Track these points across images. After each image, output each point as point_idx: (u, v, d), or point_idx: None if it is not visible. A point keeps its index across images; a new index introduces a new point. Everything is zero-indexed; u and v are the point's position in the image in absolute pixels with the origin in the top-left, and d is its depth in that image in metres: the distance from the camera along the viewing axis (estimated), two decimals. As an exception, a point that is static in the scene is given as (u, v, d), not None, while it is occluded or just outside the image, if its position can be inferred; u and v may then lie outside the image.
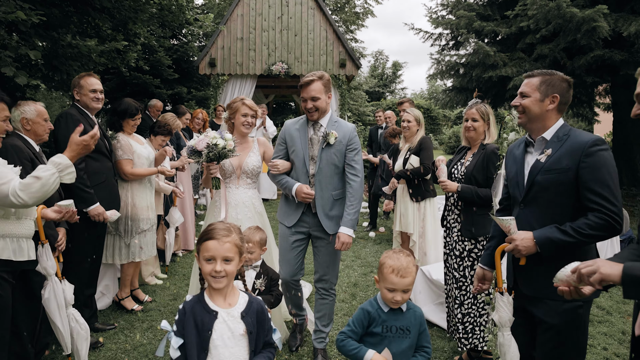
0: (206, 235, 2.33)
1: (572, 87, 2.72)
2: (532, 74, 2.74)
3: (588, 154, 2.46)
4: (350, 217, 3.82)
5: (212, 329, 2.28)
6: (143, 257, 5.01)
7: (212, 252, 2.28)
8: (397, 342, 2.63)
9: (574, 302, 2.44)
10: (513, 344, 2.70)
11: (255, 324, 2.39)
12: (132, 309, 5.04)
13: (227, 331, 2.31)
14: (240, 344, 2.34)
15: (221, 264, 2.27)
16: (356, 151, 3.90)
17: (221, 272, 2.27)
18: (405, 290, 2.58)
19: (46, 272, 3.25)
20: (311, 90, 3.76)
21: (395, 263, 2.57)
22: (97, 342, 4.24)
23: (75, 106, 4.39)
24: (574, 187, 2.50)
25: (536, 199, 2.63)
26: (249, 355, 2.37)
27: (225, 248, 2.28)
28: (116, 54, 7.74)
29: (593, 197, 2.43)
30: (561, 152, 2.55)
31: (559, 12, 9.59)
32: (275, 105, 25.26)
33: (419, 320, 2.69)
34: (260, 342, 2.42)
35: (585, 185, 2.45)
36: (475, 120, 4.00)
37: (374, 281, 6.12)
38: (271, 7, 13.63)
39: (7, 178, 2.75)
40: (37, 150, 3.72)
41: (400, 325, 2.64)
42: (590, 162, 2.45)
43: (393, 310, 2.65)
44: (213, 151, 3.91)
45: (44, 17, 4.48)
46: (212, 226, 2.37)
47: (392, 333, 2.64)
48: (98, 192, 4.31)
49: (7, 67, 4.12)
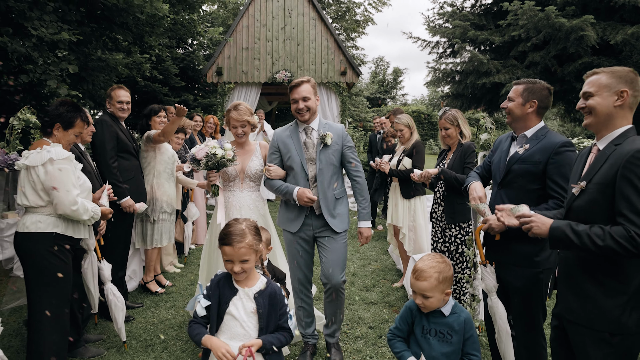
0: (223, 240, 2.63)
1: (552, 94, 3.27)
2: (518, 82, 3.32)
3: (557, 152, 3.05)
4: (366, 211, 4.06)
5: (230, 302, 2.63)
6: (164, 243, 5.67)
7: (229, 257, 2.60)
8: (438, 346, 2.62)
9: (535, 268, 3.06)
10: (500, 305, 3.27)
11: (266, 305, 2.65)
12: (155, 291, 5.72)
13: (240, 307, 2.64)
14: (251, 320, 2.64)
15: (238, 265, 2.59)
16: (352, 148, 4.07)
17: (239, 271, 2.60)
18: (424, 295, 2.60)
19: (87, 247, 3.91)
20: (302, 90, 3.89)
21: (418, 264, 2.67)
22: (128, 317, 4.88)
23: (108, 113, 5.06)
24: (541, 177, 3.09)
25: (511, 183, 3.22)
26: (258, 332, 2.63)
27: (241, 253, 2.58)
28: (132, 65, 8.42)
29: (555, 187, 3.03)
30: (536, 148, 3.14)
31: (548, 21, 10.11)
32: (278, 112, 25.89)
33: (463, 325, 2.63)
34: (271, 323, 2.66)
35: (550, 177, 3.05)
36: (447, 128, 4.71)
37: (371, 271, 6.76)
38: (275, 18, 14.32)
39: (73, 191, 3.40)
40: (82, 150, 4.37)
41: (440, 329, 2.64)
42: (558, 160, 3.03)
43: (434, 314, 2.66)
44: (211, 160, 4.05)
45: (80, 36, 5.15)
46: (229, 229, 2.65)
47: (431, 336, 2.65)
48: (128, 185, 4.96)
49: (52, 80, 4.79)
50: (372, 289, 6.01)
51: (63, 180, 3.36)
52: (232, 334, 2.61)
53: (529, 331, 3.14)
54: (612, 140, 2.41)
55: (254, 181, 4.39)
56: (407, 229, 6.26)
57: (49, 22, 4.87)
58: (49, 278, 3.32)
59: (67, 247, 3.47)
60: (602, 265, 2.32)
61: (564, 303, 2.49)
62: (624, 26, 9.71)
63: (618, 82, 2.40)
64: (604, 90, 2.42)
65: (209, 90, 16.13)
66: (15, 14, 4.69)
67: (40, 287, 3.34)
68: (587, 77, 2.53)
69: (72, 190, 3.39)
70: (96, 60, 5.95)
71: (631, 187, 2.18)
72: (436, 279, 2.57)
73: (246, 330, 2.61)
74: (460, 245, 4.65)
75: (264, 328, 2.62)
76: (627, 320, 2.23)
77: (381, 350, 4.31)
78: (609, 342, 2.27)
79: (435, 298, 2.59)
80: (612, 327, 2.25)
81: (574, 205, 2.48)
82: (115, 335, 4.50)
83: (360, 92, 33.22)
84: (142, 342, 4.45)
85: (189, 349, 4.32)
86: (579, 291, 2.40)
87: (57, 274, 3.35)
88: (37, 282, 3.33)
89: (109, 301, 4.15)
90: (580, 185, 2.46)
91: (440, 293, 2.60)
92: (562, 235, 2.32)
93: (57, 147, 3.46)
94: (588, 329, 2.33)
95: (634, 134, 2.39)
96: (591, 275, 2.36)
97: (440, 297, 2.61)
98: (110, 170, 4.79)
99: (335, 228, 3.95)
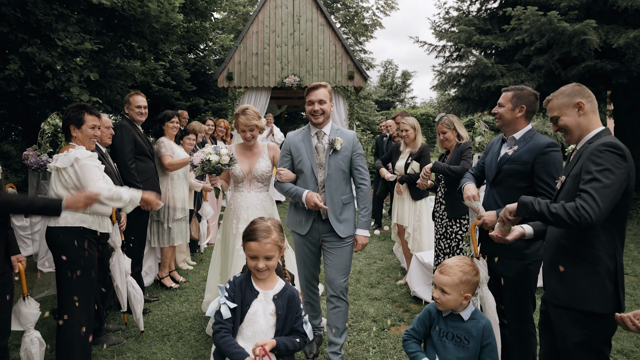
0: (249, 236, 2.65)
1: (538, 99, 3.53)
2: (507, 89, 3.60)
3: (543, 152, 3.32)
4: (365, 220, 4.05)
5: (251, 304, 2.65)
6: (179, 242, 6.00)
7: (254, 252, 2.61)
8: (454, 350, 2.63)
9: (524, 260, 3.33)
10: (490, 296, 3.52)
11: (285, 307, 2.69)
12: (170, 286, 6.04)
13: (260, 309, 2.66)
14: (269, 322, 2.66)
15: (263, 262, 2.61)
16: (362, 156, 4.10)
17: (263, 268, 2.62)
18: (443, 290, 2.63)
19: (114, 244, 4.23)
20: (319, 93, 3.94)
21: (447, 261, 2.74)
22: (145, 309, 5.19)
23: (126, 118, 5.38)
24: (529, 176, 3.37)
25: (501, 182, 3.50)
26: (274, 334, 2.66)
27: (266, 249, 2.60)
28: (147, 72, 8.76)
29: (542, 185, 3.30)
30: (524, 149, 3.41)
31: (551, 26, 10.23)
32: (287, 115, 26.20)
33: (481, 332, 2.63)
34: (288, 325, 2.69)
35: (537, 176, 3.32)
36: (445, 132, 5.02)
37: (376, 269, 7.02)
38: (284, 24, 14.65)
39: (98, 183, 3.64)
40: (103, 152, 4.68)
41: (457, 333, 2.64)
42: (544, 159, 3.31)
43: (452, 317, 2.68)
44: (207, 166, 4.18)
45: (101, 45, 5.50)
46: (254, 226, 2.68)
47: (448, 340, 2.65)
48: (145, 186, 5.27)
49: (74, 87, 5.13)
50: (377, 286, 6.27)
51: (90, 174, 3.64)
52: (250, 336, 2.63)
53: (519, 319, 3.40)
54: (587, 140, 2.70)
55: (262, 182, 4.47)
56: (412, 229, 6.51)
57: (72, 33, 5.21)
58: (77, 268, 3.62)
59: (94, 240, 3.77)
60: (579, 250, 2.58)
61: (549, 288, 2.74)
62: (627, 29, 9.82)
63: (571, 98, 2.74)
64: (564, 109, 2.76)
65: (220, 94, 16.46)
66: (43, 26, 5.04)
67: (71, 277, 3.64)
68: (545, 106, 2.89)
69: (99, 181, 3.66)
70: (115, 68, 6.30)
71: (588, 173, 2.47)
72: (459, 278, 2.61)
73: (264, 332, 2.64)
74: (461, 242, 4.92)
75: (280, 330, 2.66)
76: (597, 296, 2.49)
77: (383, 342, 4.56)
78: (583, 323, 2.53)
79: (452, 297, 2.61)
80: (589, 305, 2.49)
81: (558, 198, 2.78)
82: (134, 326, 4.81)
83: (369, 96, 33.42)
84: (158, 332, 4.76)
85: (202, 338, 4.62)
86: (561, 276, 2.65)
87: (84, 264, 3.65)
88: (67, 272, 3.63)
89: (128, 293, 4.45)
90: (560, 179, 2.78)
91: (458, 294, 2.62)
92: (527, 200, 2.61)
93: (81, 149, 3.76)
94: (568, 310, 2.58)
95: (608, 134, 2.66)
96: (570, 260, 2.62)
97: (458, 297, 2.62)
98: (129, 171, 5.11)
99: (340, 233, 3.98)
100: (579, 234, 2.58)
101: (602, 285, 2.51)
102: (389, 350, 4.40)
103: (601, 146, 2.50)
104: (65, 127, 3.83)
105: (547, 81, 11.31)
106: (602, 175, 2.42)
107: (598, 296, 2.50)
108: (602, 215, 2.37)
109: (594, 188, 2.40)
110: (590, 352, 2.53)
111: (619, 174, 2.43)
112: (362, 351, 4.39)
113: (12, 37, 5.49)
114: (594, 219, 2.35)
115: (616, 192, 2.43)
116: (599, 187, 2.40)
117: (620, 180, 2.44)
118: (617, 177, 2.43)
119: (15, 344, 4.25)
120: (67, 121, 3.82)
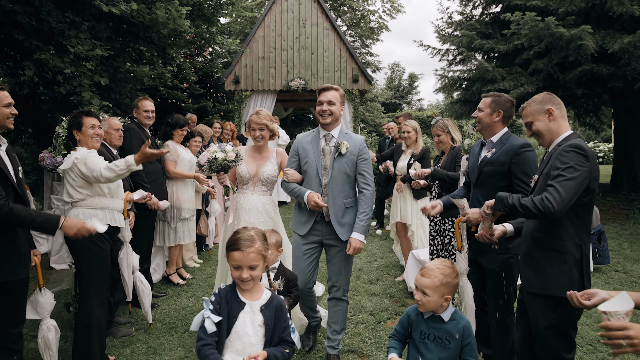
0: (232, 245, 2.59)
1: (514, 106, 3.79)
2: (487, 95, 3.85)
3: (517, 153, 3.56)
4: (362, 224, 4.01)
5: (238, 316, 2.59)
6: (186, 241, 6.26)
7: (237, 262, 2.55)
8: (436, 350, 2.69)
9: (507, 254, 3.55)
10: (469, 286, 3.81)
11: (273, 318, 2.64)
12: (177, 282, 6.30)
13: (248, 320, 2.60)
14: (257, 334, 2.61)
15: (247, 271, 2.55)
16: (367, 161, 4.12)
17: (247, 278, 2.55)
18: (424, 292, 2.69)
19: (124, 239, 4.48)
20: (329, 94, 4.02)
21: (429, 264, 2.80)
22: (154, 304, 5.45)
23: (135, 122, 5.65)
24: (507, 176, 3.60)
25: (483, 182, 3.73)
26: (264, 345, 2.61)
27: (250, 258, 2.54)
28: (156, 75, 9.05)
29: (519, 183, 3.53)
30: (501, 151, 3.65)
31: (549, 31, 10.43)
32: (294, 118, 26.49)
33: (461, 332, 2.69)
34: (276, 335, 2.65)
35: (514, 175, 3.56)
36: (439, 135, 5.27)
37: (376, 267, 7.25)
38: (290, 29, 14.93)
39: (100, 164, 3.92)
40: (114, 154, 4.94)
41: (439, 334, 2.70)
42: (518, 159, 3.55)
43: (433, 319, 2.74)
44: (214, 164, 4.24)
45: (111, 51, 5.78)
46: (237, 235, 2.63)
47: (429, 341, 2.72)
48: (152, 186, 5.54)
49: (85, 92, 5.41)
50: (376, 282, 6.50)
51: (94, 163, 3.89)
52: (239, 349, 2.59)
53: (501, 309, 3.61)
54: (557, 143, 2.96)
55: (266, 185, 4.53)
56: (416, 227, 6.74)
57: (84, 40, 5.50)
58: (92, 259, 3.89)
59: (105, 233, 4.03)
60: (550, 242, 2.84)
61: (525, 277, 2.99)
62: (622, 35, 10.01)
63: (542, 105, 3.02)
64: (536, 115, 3.04)
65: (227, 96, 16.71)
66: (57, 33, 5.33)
67: (86, 268, 3.91)
68: (521, 113, 3.16)
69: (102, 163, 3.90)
70: (124, 73, 6.58)
71: (556, 170, 2.75)
72: (439, 281, 2.66)
73: (253, 344, 2.60)
74: (452, 239, 5.14)
75: (269, 341, 2.63)
76: (565, 282, 2.73)
77: (379, 334, 4.79)
78: (553, 309, 2.78)
79: (433, 299, 2.67)
80: (558, 291, 2.73)
81: (532, 194, 3.01)
82: (143, 319, 5.06)
83: (376, 98, 33.56)
84: (166, 325, 5.01)
85: (207, 330, 4.86)
86: (534, 265, 2.90)
87: (97, 256, 3.92)
88: (83, 264, 3.91)
89: (137, 287, 4.71)
90: (534, 178, 3.05)
91: (439, 296, 2.67)
92: (502, 195, 2.91)
93: (82, 150, 4.03)
94: (540, 296, 2.83)
95: (576, 137, 2.91)
96: (542, 251, 2.88)
97: (438, 299, 2.68)
98: (137, 171, 5.36)
99: (340, 236, 4.02)
100: (549, 227, 2.83)
101: (570, 273, 2.77)
102: (383, 341, 4.61)
103: (567, 147, 2.77)
104: (69, 133, 4.13)
105: (546, 85, 11.49)
106: (566, 171, 2.69)
107: (566, 283, 2.74)
108: (564, 205, 2.64)
109: (557, 182, 2.68)
110: (559, 335, 2.79)
111: (582, 172, 2.70)
112: (358, 342, 4.62)
113: (27, 44, 5.78)
114: (556, 208, 2.62)
115: (578, 187, 2.69)
116: (561, 180, 2.67)
117: (582, 177, 2.70)
118: (580, 174, 2.69)
119: (31, 335, 4.51)
120: (70, 127, 4.12)
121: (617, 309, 1.87)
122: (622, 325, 1.81)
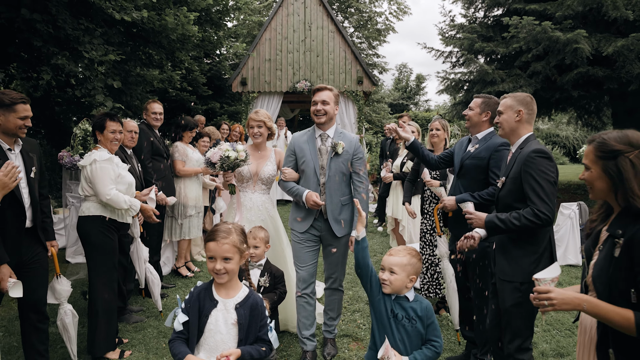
0: (209, 236, 2.60)
1: None
2: (478, 96, 4.15)
3: (496, 150, 3.88)
4: None
5: (209, 314, 2.57)
6: (192, 236, 6.61)
7: (212, 252, 2.55)
8: (403, 330, 2.79)
9: (485, 242, 3.81)
10: (450, 268, 4.16)
11: (247, 316, 2.60)
12: (186, 275, 6.66)
13: (221, 319, 2.57)
14: (231, 332, 2.58)
15: (221, 263, 2.52)
16: (362, 160, 4.26)
17: (221, 270, 2.53)
18: (391, 271, 2.78)
19: (133, 234, 4.83)
20: (323, 94, 4.15)
21: (395, 248, 2.97)
22: (163, 294, 5.79)
23: (145, 123, 6.01)
24: (486, 170, 3.93)
25: (464, 174, 4.06)
26: (237, 343, 2.58)
27: (224, 249, 2.52)
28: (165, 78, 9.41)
29: (494, 177, 3.85)
30: (483, 147, 3.97)
31: (545, 34, 10.70)
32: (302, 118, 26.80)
33: (424, 312, 2.80)
34: (251, 334, 2.61)
35: (491, 169, 3.89)
36: (438, 129, 5.51)
37: (375, 261, 7.55)
38: (295, 32, 15.25)
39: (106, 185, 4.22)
40: (128, 153, 5.29)
41: (404, 314, 2.80)
42: (496, 156, 3.87)
43: (399, 299, 2.83)
44: (226, 162, 4.34)
45: (123, 55, 6.14)
46: (215, 227, 2.64)
47: (397, 320, 2.81)
48: (161, 184, 5.88)
49: (99, 95, 5.77)
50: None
51: (102, 176, 4.23)
52: (212, 347, 2.58)
53: (480, 294, 3.92)
54: (519, 145, 3.29)
55: (266, 184, 4.67)
56: (407, 222, 7.02)
57: (97, 45, 5.86)
58: (101, 249, 4.27)
59: (113, 227, 4.38)
60: (522, 234, 3.13)
61: (499, 266, 3.28)
62: (617, 38, 10.26)
63: (518, 104, 3.29)
64: (508, 110, 3.33)
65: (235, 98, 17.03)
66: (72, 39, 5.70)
67: (95, 257, 4.30)
68: (501, 100, 3.43)
69: (108, 184, 4.23)
70: (135, 76, 6.93)
71: (531, 178, 3.05)
72: (407, 260, 2.79)
73: (225, 342, 2.58)
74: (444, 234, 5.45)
75: (243, 340, 2.59)
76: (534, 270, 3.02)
77: (374, 322, 5.10)
78: (519, 289, 3.09)
79: (400, 277, 2.77)
80: (525, 277, 3.02)
81: (500, 195, 3.34)
82: (153, 307, 5.41)
83: (382, 99, 33.70)
84: (174, 313, 5.35)
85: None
86: (507, 255, 3.21)
87: (105, 247, 4.28)
88: (93, 254, 4.30)
89: (147, 278, 5.05)
90: (501, 180, 3.34)
91: (406, 275, 2.78)
92: (492, 224, 3.17)
93: (102, 151, 4.37)
94: (509, 282, 3.14)
95: (533, 139, 3.24)
96: (515, 242, 3.18)
97: (404, 278, 2.78)
98: (146, 169, 5.72)
99: (336, 232, 4.17)
100: None
101: (539, 261, 3.07)
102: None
103: (532, 153, 3.07)
104: (93, 131, 4.50)
105: (544, 86, 11.72)
106: (542, 180, 3.01)
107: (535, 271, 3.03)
108: (553, 208, 2.98)
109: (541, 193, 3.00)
110: (523, 311, 3.11)
111: (552, 173, 3.04)
112: (354, 327, 4.94)
113: (45, 50, 6.16)
114: (551, 214, 2.98)
115: (554, 188, 3.03)
116: (543, 191, 3.00)
117: (554, 178, 3.03)
118: (552, 176, 3.03)
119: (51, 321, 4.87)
120: (94, 127, 4.49)
121: (545, 276, 2.23)
122: (547, 289, 2.17)
